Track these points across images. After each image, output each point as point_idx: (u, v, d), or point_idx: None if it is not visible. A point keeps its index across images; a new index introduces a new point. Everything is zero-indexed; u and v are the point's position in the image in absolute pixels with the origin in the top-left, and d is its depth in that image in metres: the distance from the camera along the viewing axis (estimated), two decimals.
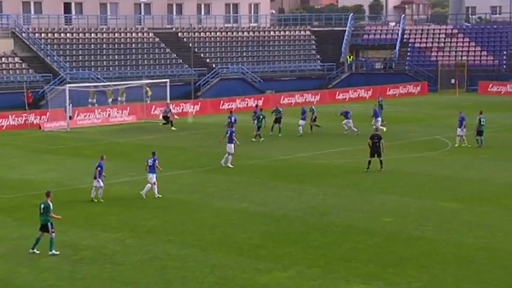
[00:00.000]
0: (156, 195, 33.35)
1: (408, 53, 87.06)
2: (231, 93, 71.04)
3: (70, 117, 56.79)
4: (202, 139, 50.72)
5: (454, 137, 47.40)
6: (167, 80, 64.10)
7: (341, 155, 43.94)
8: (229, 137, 40.37)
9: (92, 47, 75.92)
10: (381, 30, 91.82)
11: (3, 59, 69.46)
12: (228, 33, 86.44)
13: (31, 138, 52.12)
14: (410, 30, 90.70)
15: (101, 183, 32.62)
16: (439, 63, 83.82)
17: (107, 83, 65.75)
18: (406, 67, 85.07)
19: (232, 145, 40.27)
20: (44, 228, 25.34)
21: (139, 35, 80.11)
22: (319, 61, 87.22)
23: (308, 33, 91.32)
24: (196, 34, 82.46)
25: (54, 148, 47.65)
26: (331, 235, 27.50)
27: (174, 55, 79.13)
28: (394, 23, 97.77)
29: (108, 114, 60.06)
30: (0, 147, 48.05)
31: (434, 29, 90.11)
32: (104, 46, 76.67)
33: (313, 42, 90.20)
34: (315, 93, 73.99)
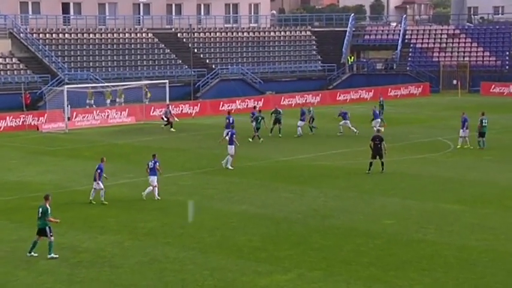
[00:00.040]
0: (155, 197, 33.34)
1: (410, 54, 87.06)
2: (231, 94, 71.04)
3: (68, 119, 56.79)
4: (201, 140, 50.71)
5: (456, 139, 47.40)
6: (166, 80, 64.11)
7: (342, 157, 43.92)
8: (230, 138, 40.37)
9: (91, 47, 75.93)
10: (382, 30, 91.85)
11: (1, 60, 69.45)
12: (228, 34, 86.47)
13: (29, 139, 52.10)
14: (411, 30, 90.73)
15: (101, 186, 32.58)
16: (441, 64, 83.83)
17: (106, 84, 65.74)
18: (407, 68, 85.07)
19: (232, 147, 40.27)
20: (41, 232, 25.24)
21: (138, 35, 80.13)
22: (319, 62, 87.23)
23: (309, 33, 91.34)
24: (195, 34, 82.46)
25: (52, 150, 47.63)
26: (332, 237, 27.47)
27: (173, 56, 79.14)
28: (395, 24, 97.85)
29: (107, 116, 60.04)
30: None
31: (436, 30, 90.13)
32: (103, 47, 76.68)
33: (314, 42, 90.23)
34: (316, 94, 73.98)
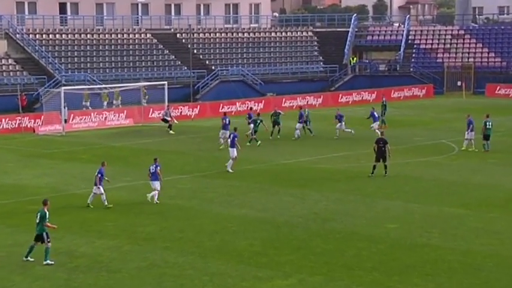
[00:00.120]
0: (155, 201, 33.36)
1: (413, 55, 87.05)
2: (231, 95, 71.07)
3: (65, 121, 56.82)
4: (201, 143, 50.75)
5: (461, 141, 47.42)
6: (165, 82, 64.05)
7: (344, 160, 43.94)
8: (232, 141, 40.39)
9: (88, 48, 75.96)
10: (385, 31, 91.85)
11: None
12: (228, 34, 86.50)
13: (25, 142, 52.13)
14: (415, 31, 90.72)
15: (101, 190, 32.58)
16: (445, 65, 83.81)
17: (103, 86, 65.78)
18: (411, 69, 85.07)
19: (234, 149, 40.30)
20: (38, 238, 25.22)
21: (136, 36, 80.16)
22: (321, 63, 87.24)
23: (310, 34, 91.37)
24: (195, 35, 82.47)
25: (49, 152, 47.66)
26: (334, 242, 27.49)
27: (173, 57, 79.18)
28: (398, 24, 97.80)
29: (105, 118, 60.07)
30: None
31: (440, 30, 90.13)
32: (100, 47, 76.71)
33: (316, 43, 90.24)
34: (317, 96, 73.99)
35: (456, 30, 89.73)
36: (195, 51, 79.86)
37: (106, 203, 32.57)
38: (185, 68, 76.94)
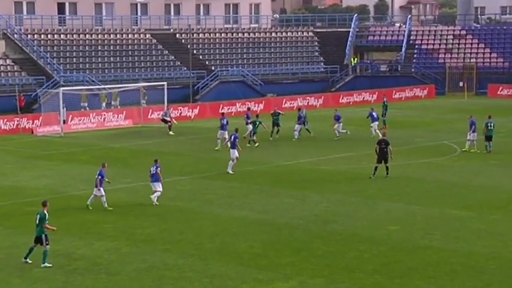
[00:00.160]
0: (154, 202, 33.33)
1: (415, 55, 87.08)
2: (231, 96, 71.06)
3: (64, 122, 56.80)
4: (201, 144, 50.73)
5: (463, 142, 47.43)
6: (164, 83, 64.03)
7: (345, 161, 43.93)
8: (233, 142, 40.37)
9: (87, 48, 75.96)
10: (387, 31, 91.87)
11: None
12: (228, 35, 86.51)
13: (23, 143, 52.12)
14: (416, 31, 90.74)
15: (102, 192, 32.56)
16: (446, 66, 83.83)
17: (102, 86, 65.78)
18: (412, 69, 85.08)
19: (235, 151, 40.28)
20: (38, 240, 25.22)
21: (135, 36, 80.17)
22: (322, 63, 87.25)
23: (311, 34, 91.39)
24: (194, 35, 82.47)
25: (47, 154, 47.65)
26: (335, 244, 27.48)
27: (172, 57, 79.19)
28: (400, 24, 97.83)
29: (104, 119, 60.06)
30: None
31: (441, 30, 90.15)
32: (99, 48, 76.71)
33: (316, 43, 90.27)
34: (318, 97, 74.00)
35: (458, 30, 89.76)
36: (195, 52, 79.87)
37: (106, 205, 32.54)
38: (185, 68, 76.94)
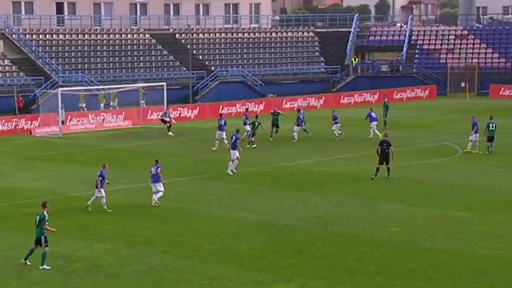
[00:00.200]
0: (153, 202, 33.32)
1: (416, 55, 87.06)
2: (231, 97, 71.06)
3: (62, 122, 56.81)
4: (200, 145, 50.74)
5: (464, 143, 47.44)
6: (164, 83, 63.96)
7: (346, 162, 43.94)
8: (234, 143, 40.39)
9: (86, 48, 75.97)
10: (388, 31, 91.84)
11: None
12: (228, 35, 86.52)
13: (21, 144, 52.13)
14: (418, 31, 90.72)
15: (102, 193, 32.55)
16: (448, 66, 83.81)
17: (101, 87, 65.78)
18: (413, 70, 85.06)
19: (236, 151, 40.29)
20: (37, 241, 25.22)
21: (134, 36, 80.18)
22: (322, 64, 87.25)
23: (311, 34, 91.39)
24: (194, 35, 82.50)
25: (45, 154, 47.66)
26: (336, 246, 27.49)
27: (171, 57, 79.20)
28: (401, 24, 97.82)
29: (102, 119, 60.06)
30: None
31: (443, 30, 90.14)
32: (98, 48, 76.72)
33: (317, 43, 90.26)
34: (319, 97, 74.01)
35: (460, 30, 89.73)
36: (195, 52, 79.87)
37: (105, 207, 32.55)
38: (184, 68, 76.94)
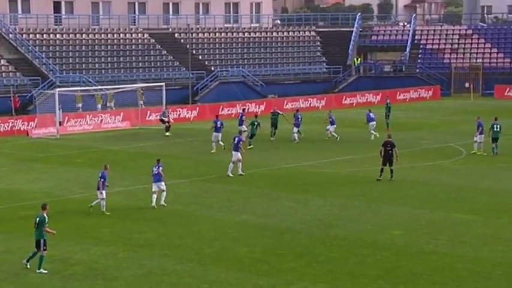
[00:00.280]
0: (153, 202, 33.34)
1: (419, 55, 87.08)
2: (231, 97, 71.08)
3: (60, 123, 56.81)
4: (200, 146, 50.73)
5: (469, 144, 47.46)
6: (163, 83, 63.94)
7: (348, 164, 43.94)
8: (236, 144, 40.38)
9: (83, 48, 75.99)
10: (391, 30, 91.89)
11: None
12: (228, 34, 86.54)
13: (18, 145, 52.13)
14: (421, 30, 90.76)
15: (103, 195, 32.54)
16: (452, 66, 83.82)
17: (99, 87, 65.79)
18: (417, 70, 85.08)
19: (238, 153, 40.29)
20: (36, 244, 25.18)
21: (133, 35, 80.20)
22: (324, 64, 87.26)
23: (313, 34, 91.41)
24: (194, 35, 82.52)
25: (42, 156, 47.65)
26: (338, 249, 27.48)
27: (171, 57, 79.22)
28: (404, 23, 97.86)
29: (101, 120, 60.04)
30: None
31: (447, 30, 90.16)
32: (96, 48, 76.73)
33: (319, 43, 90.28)
34: (320, 98, 74.03)
35: (464, 29, 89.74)
36: (194, 52, 79.90)
37: (104, 209, 32.56)
38: (184, 68, 76.95)
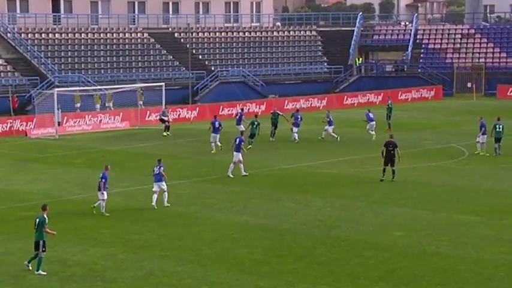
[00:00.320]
0: (153, 201, 33.38)
1: (421, 55, 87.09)
2: (231, 97, 71.05)
3: (59, 124, 56.81)
4: (200, 147, 50.73)
5: (471, 145, 47.47)
6: (163, 83, 64.00)
7: (349, 164, 43.94)
8: (238, 145, 40.38)
9: (82, 48, 75.99)
10: (392, 30, 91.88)
11: None
12: (228, 34, 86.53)
13: (17, 146, 52.15)
14: (423, 30, 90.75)
15: (105, 196, 32.55)
16: (454, 66, 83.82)
17: (98, 87, 65.80)
18: (419, 70, 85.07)
19: (239, 154, 40.28)
20: (35, 245, 25.17)
21: (133, 35, 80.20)
22: (325, 63, 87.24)
23: (314, 33, 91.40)
24: (194, 34, 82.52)
25: (41, 157, 47.66)
26: (339, 250, 27.49)
27: (170, 57, 79.22)
28: (406, 23, 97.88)
29: (100, 121, 60.04)
30: None
31: (449, 29, 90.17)
32: (95, 47, 76.73)
33: (320, 43, 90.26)
34: (322, 98, 74.04)
35: (466, 29, 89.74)
36: (194, 51, 79.90)
37: (103, 210, 32.57)
38: (183, 68, 76.96)
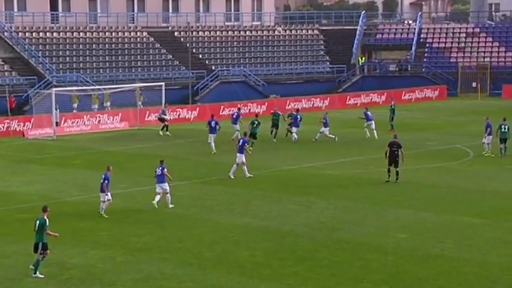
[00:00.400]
0: (155, 201, 33.38)
1: (425, 54, 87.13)
2: (232, 97, 71.08)
3: (57, 124, 56.84)
4: (200, 147, 50.73)
5: (476, 146, 47.46)
6: (162, 83, 64.10)
7: (352, 165, 43.93)
8: (241, 146, 40.39)
9: (81, 47, 76.06)
10: (396, 29, 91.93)
11: None
12: (229, 33, 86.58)
13: (14, 146, 52.17)
14: (427, 29, 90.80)
15: (109, 196, 32.54)
16: (459, 65, 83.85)
17: (97, 87, 65.82)
18: (423, 69, 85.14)
19: (242, 155, 40.27)
20: (34, 247, 25.14)
21: (132, 34, 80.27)
22: (328, 63, 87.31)
23: (316, 32, 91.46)
24: (194, 33, 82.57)
25: (39, 157, 47.67)
26: (342, 253, 27.48)
27: (170, 56, 79.27)
28: (410, 21, 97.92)
29: (98, 121, 60.07)
30: None
31: (454, 28, 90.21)
32: (94, 46, 76.81)
33: (322, 42, 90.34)
34: (324, 98, 74.05)
35: (471, 28, 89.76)
36: (194, 51, 79.95)
37: (102, 212, 32.57)
38: (183, 68, 77.01)
